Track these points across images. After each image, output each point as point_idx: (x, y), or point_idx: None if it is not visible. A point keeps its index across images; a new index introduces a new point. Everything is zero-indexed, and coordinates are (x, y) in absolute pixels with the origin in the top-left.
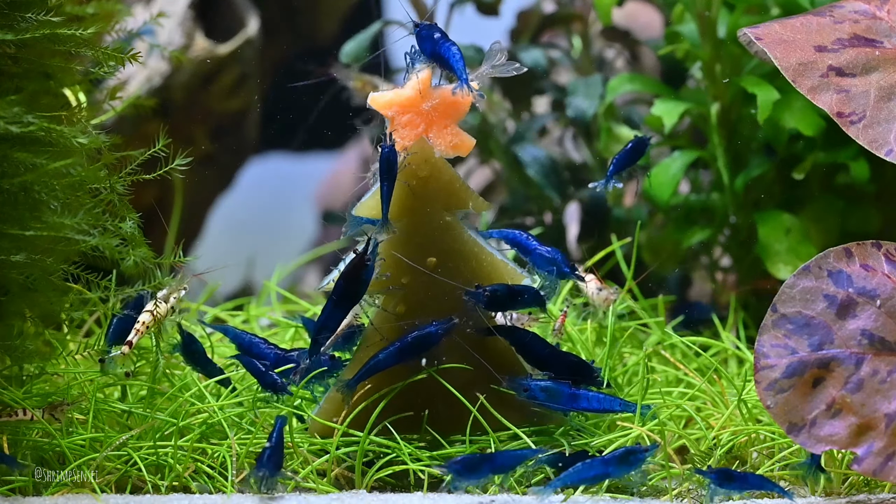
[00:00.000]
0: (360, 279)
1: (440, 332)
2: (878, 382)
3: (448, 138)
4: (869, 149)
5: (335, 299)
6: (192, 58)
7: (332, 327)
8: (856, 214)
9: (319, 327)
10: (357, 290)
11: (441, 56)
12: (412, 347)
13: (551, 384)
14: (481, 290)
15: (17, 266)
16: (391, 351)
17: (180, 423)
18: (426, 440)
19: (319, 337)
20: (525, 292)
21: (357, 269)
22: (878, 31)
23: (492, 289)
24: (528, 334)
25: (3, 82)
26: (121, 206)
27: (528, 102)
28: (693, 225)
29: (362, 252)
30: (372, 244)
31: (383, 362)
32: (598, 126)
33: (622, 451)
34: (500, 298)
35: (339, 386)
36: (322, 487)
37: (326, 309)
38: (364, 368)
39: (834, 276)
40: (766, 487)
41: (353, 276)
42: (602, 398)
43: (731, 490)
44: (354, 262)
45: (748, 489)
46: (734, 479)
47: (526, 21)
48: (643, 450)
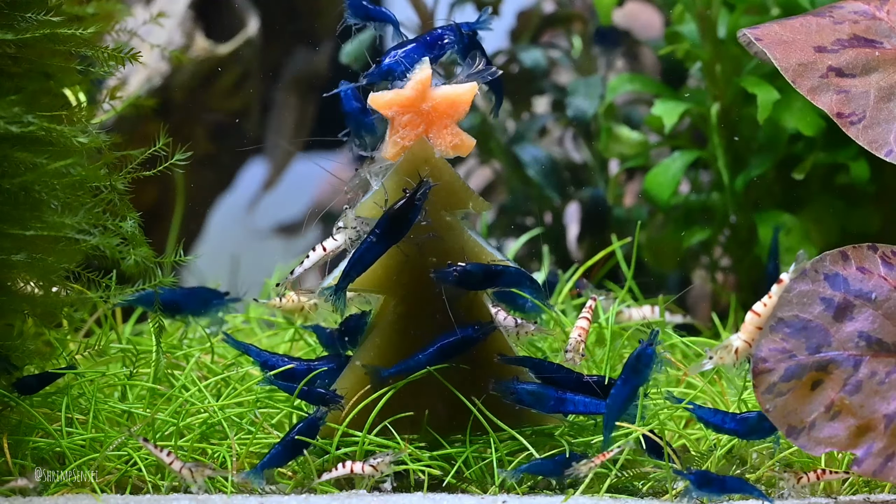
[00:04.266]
0: (405, 218)
1: (479, 336)
2: (877, 384)
3: (448, 138)
4: (869, 149)
5: (378, 233)
6: (192, 58)
7: (368, 262)
8: (856, 214)
9: (355, 260)
10: (400, 229)
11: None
12: (452, 350)
13: (538, 388)
14: (452, 268)
15: (17, 266)
16: (431, 352)
17: (180, 422)
18: (426, 440)
19: (352, 270)
20: (504, 273)
21: (405, 208)
22: (877, 32)
23: (464, 268)
24: (553, 366)
25: (3, 82)
26: (121, 206)
27: (528, 102)
28: (693, 225)
29: (413, 193)
30: (425, 188)
31: (424, 362)
32: (598, 126)
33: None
34: (473, 278)
35: (370, 372)
36: (322, 487)
37: (366, 243)
38: (403, 365)
39: (830, 279)
40: (745, 491)
41: (400, 213)
42: (588, 402)
43: (710, 493)
44: (404, 201)
45: (727, 492)
46: (713, 483)
47: (526, 21)
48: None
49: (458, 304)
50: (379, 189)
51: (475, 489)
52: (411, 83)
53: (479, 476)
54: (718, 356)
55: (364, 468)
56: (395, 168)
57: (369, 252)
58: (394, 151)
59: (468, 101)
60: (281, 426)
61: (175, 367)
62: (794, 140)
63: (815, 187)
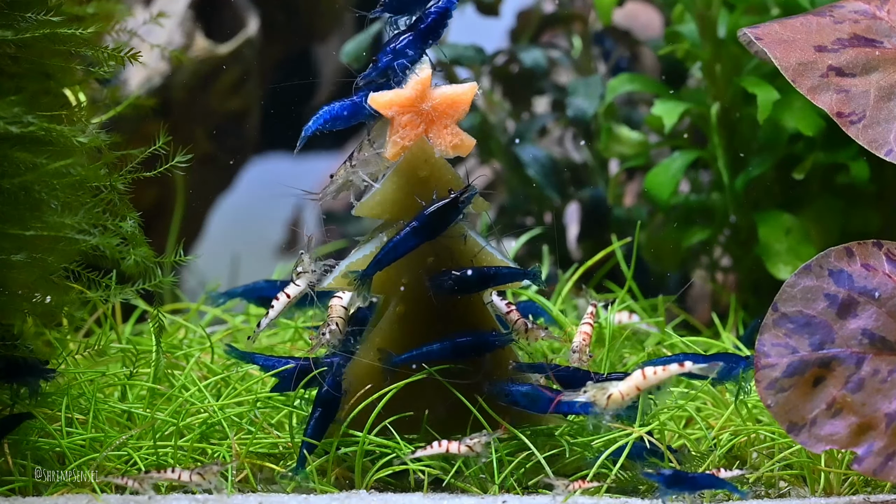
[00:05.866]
0: (445, 218)
1: (496, 343)
2: (879, 382)
3: (448, 138)
4: (868, 149)
5: (416, 227)
6: (192, 58)
7: (401, 254)
8: (856, 214)
9: (389, 249)
10: (437, 228)
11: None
12: (467, 349)
13: (531, 389)
14: (447, 276)
15: (17, 266)
16: (446, 346)
17: (180, 422)
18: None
19: (384, 259)
20: (497, 274)
21: (447, 208)
22: (877, 31)
23: (458, 274)
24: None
25: (3, 82)
26: (121, 206)
27: (528, 102)
28: (693, 225)
29: (458, 195)
30: (469, 193)
31: (436, 353)
32: (598, 126)
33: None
34: (467, 283)
35: (383, 357)
36: (322, 487)
37: (402, 234)
38: (416, 352)
39: (835, 275)
40: (717, 486)
41: (441, 212)
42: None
43: (682, 491)
44: (448, 201)
45: (699, 489)
46: (684, 481)
47: (526, 21)
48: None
49: (457, 304)
50: (379, 189)
51: (475, 489)
52: (411, 83)
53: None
54: (591, 394)
55: (460, 448)
56: (395, 168)
57: (404, 244)
58: (394, 151)
59: (468, 101)
60: (281, 426)
61: (175, 367)
62: (794, 140)
63: (815, 187)
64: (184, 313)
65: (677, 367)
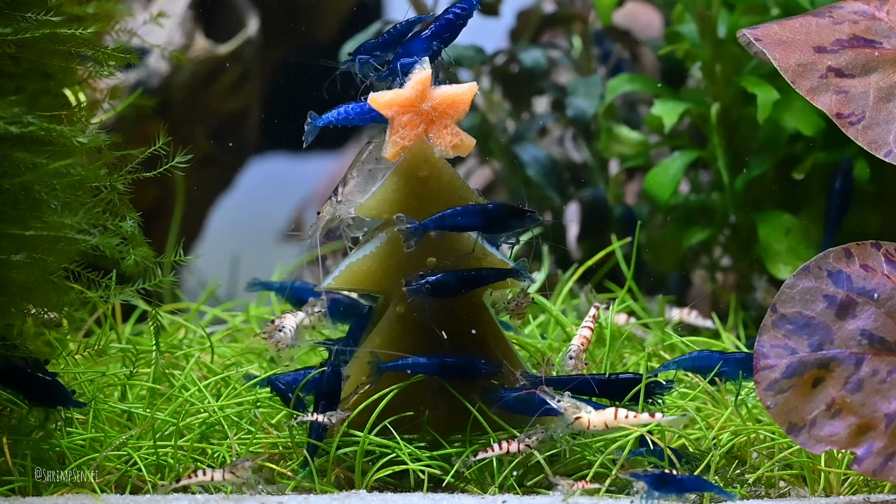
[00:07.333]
0: (503, 219)
1: (483, 371)
2: (878, 382)
3: (448, 138)
4: (868, 150)
5: (488, 208)
6: (192, 58)
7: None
8: (856, 214)
9: (449, 215)
10: (500, 222)
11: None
12: (453, 370)
13: (524, 394)
14: (423, 280)
15: (17, 266)
16: (434, 362)
17: (180, 422)
18: (426, 440)
19: (445, 220)
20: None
21: (512, 212)
22: (877, 32)
23: (435, 278)
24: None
25: (3, 82)
26: (121, 206)
27: (528, 102)
28: (693, 225)
29: (527, 210)
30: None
31: (422, 367)
32: (598, 126)
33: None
34: (446, 287)
35: (372, 361)
36: (322, 487)
37: (468, 208)
38: (403, 362)
39: (833, 276)
40: (704, 489)
41: (505, 212)
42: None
43: (669, 493)
44: (517, 208)
45: (686, 491)
46: (670, 483)
47: (526, 21)
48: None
49: (459, 305)
50: (379, 189)
51: (475, 489)
52: (411, 83)
53: (479, 476)
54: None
55: (520, 447)
56: (395, 168)
57: (468, 217)
58: (394, 151)
59: (468, 101)
60: (281, 426)
61: (175, 367)
62: (794, 140)
63: (815, 187)
64: (184, 313)
65: (648, 418)
